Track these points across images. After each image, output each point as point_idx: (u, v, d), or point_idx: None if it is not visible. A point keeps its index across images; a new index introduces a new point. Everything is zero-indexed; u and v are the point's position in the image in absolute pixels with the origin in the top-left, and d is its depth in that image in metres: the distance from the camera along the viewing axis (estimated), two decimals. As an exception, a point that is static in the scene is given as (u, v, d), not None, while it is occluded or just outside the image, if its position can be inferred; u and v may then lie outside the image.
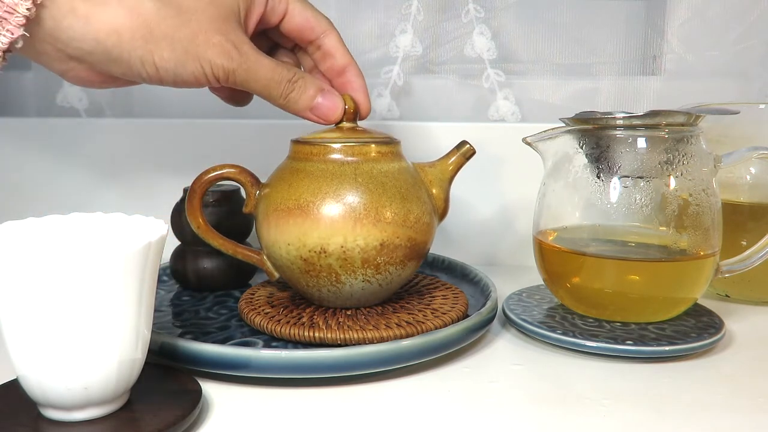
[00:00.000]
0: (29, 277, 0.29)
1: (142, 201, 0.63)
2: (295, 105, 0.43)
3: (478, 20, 0.65)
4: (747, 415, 0.36)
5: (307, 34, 0.45)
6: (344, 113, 0.45)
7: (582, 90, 0.68)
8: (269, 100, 0.43)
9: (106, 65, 0.38)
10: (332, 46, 0.45)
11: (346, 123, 0.45)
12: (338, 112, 0.44)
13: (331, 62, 0.46)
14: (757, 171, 0.53)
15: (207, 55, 0.39)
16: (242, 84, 0.41)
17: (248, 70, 0.41)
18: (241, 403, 0.36)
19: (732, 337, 0.47)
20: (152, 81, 0.40)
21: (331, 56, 0.46)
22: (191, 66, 0.39)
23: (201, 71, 0.39)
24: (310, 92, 0.43)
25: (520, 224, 0.64)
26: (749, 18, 0.65)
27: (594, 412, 0.36)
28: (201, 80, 0.40)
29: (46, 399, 0.31)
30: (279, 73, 0.42)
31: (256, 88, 0.42)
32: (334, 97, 0.44)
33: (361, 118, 0.47)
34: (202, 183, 0.45)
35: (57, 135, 0.64)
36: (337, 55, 0.46)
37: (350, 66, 0.46)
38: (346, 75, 0.46)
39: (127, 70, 0.38)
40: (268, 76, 0.42)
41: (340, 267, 0.42)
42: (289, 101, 0.43)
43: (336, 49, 0.45)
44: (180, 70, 0.39)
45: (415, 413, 0.36)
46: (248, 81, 0.41)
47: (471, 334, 0.42)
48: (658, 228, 0.45)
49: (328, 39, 0.45)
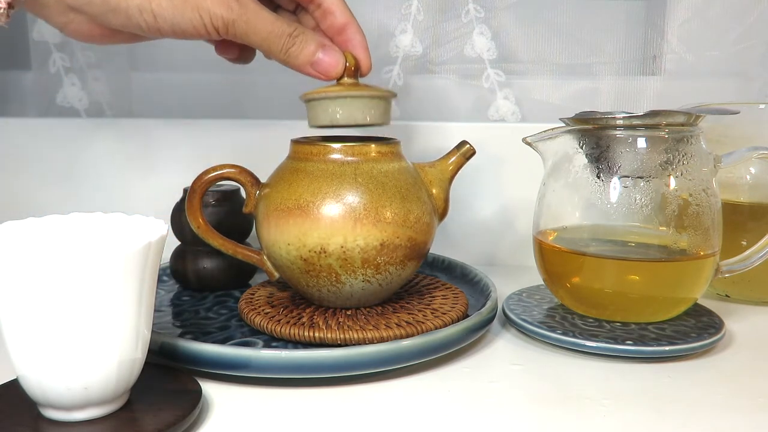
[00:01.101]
0: (29, 277, 0.29)
1: (142, 201, 0.63)
2: (296, 60, 0.44)
3: (478, 20, 0.65)
4: (747, 415, 0.36)
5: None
6: (345, 69, 0.45)
7: (582, 90, 0.68)
8: (270, 54, 0.43)
9: (105, 16, 0.38)
10: (332, 3, 0.46)
11: (347, 78, 0.45)
12: (339, 67, 0.44)
13: (332, 20, 0.46)
14: (757, 171, 0.53)
15: (206, 4, 0.39)
16: (242, 36, 0.41)
17: (248, 22, 0.41)
18: (241, 403, 0.36)
19: (732, 337, 0.47)
20: (151, 31, 0.40)
21: (331, 14, 0.46)
22: (189, 14, 0.39)
23: (200, 20, 0.39)
24: (311, 47, 0.43)
25: (520, 224, 0.64)
26: (749, 18, 0.65)
27: (594, 412, 0.36)
28: (200, 30, 0.40)
29: (46, 399, 0.31)
30: (279, 26, 0.42)
31: (256, 41, 0.42)
32: (335, 53, 0.44)
33: (362, 74, 0.47)
34: (202, 183, 0.45)
35: (57, 135, 0.64)
36: (337, 12, 0.46)
37: (350, 23, 0.46)
38: (347, 32, 0.46)
39: (126, 20, 0.39)
40: (268, 29, 0.42)
41: (340, 267, 0.42)
42: (290, 56, 0.43)
43: (336, 7, 0.46)
44: (178, 18, 0.39)
45: (415, 413, 0.36)
46: (248, 33, 0.41)
47: (471, 334, 0.42)
48: (658, 228, 0.45)
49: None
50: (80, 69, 0.68)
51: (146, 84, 0.70)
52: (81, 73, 0.68)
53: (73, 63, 0.67)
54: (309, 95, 0.45)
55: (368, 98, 0.44)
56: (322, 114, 0.45)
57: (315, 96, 0.45)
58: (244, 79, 0.69)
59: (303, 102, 0.46)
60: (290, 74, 0.70)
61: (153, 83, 0.70)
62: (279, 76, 0.69)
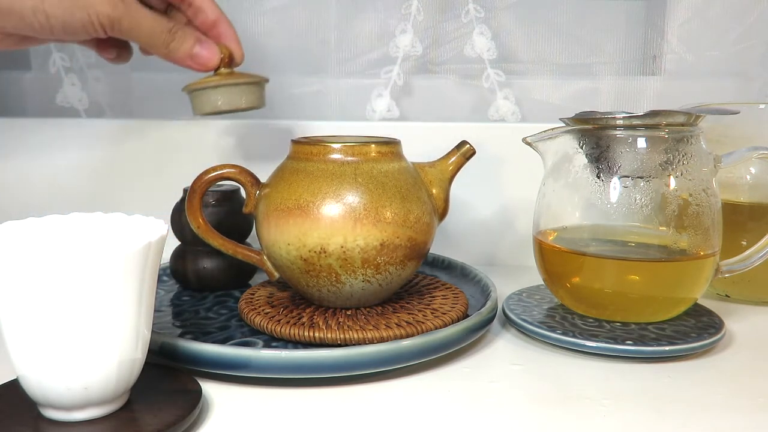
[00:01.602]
0: (29, 277, 0.29)
1: (142, 201, 0.63)
2: (176, 53, 0.47)
3: (478, 20, 0.65)
4: (747, 415, 0.36)
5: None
6: (221, 61, 0.50)
7: (582, 90, 0.68)
8: (151, 49, 0.47)
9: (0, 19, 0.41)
10: (202, 1, 0.50)
11: (223, 69, 0.50)
12: (215, 59, 0.49)
13: (203, 17, 0.50)
14: (757, 171, 0.53)
15: (94, 3, 0.42)
16: (127, 32, 0.45)
17: (132, 19, 0.44)
18: (241, 403, 0.36)
19: (732, 337, 0.47)
20: (44, 31, 0.42)
21: (202, 11, 0.50)
22: (79, 14, 0.42)
23: (88, 19, 0.42)
24: (189, 42, 0.48)
25: (520, 224, 0.64)
26: (749, 18, 0.65)
27: (594, 412, 0.36)
28: (88, 28, 0.43)
29: (46, 399, 0.31)
30: (160, 23, 0.46)
31: (140, 37, 0.46)
32: (211, 46, 0.49)
33: (237, 64, 0.51)
34: (202, 183, 0.45)
35: (57, 135, 0.64)
36: (207, 10, 0.50)
37: (220, 18, 0.51)
38: (219, 27, 0.51)
39: (20, 22, 0.41)
40: (151, 26, 0.46)
41: (340, 267, 0.42)
42: (171, 50, 0.47)
43: (206, 5, 0.50)
44: (68, 17, 0.42)
45: (415, 413, 0.36)
46: (132, 30, 0.45)
47: (471, 334, 0.42)
48: (658, 228, 0.45)
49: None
50: (80, 69, 0.68)
51: (146, 84, 0.70)
52: (81, 73, 0.68)
53: (73, 63, 0.67)
54: (192, 86, 0.50)
55: (244, 84, 0.50)
56: (205, 103, 0.50)
57: (197, 86, 0.50)
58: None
59: (186, 93, 0.51)
60: (289, 75, 0.70)
61: (153, 83, 0.70)
62: (279, 77, 0.70)
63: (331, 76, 0.69)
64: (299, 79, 0.69)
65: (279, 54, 0.70)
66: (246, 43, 0.69)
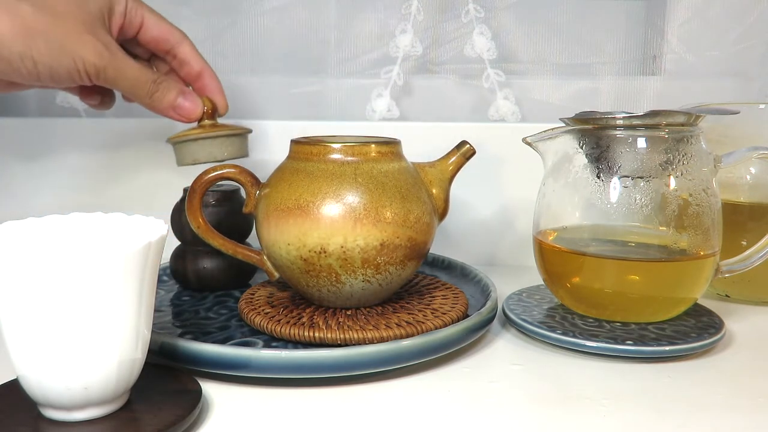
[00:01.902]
0: (29, 277, 0.29)
1: (142, 201, 0.63)
2: (160, 104, 0.48)
3: (478, 20, 0.65)
4: (747, 415, 0.36)
5: (162, 44, 0.50)
6: (204, 113, 0.50)
7: (582, 90, 0.68)
8: (135, 98, 0.47)
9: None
10: (187, 54, 0.50)
11: (206, 120, 0.50)
12: (198, 111, 0.49)
13: (188, 69, 0.51)
14: (757, 171, 0.53)
15: (80, 52, 0.42)
16: (111, 82, 0.45)
17: (117, 69, 0.44)
18: (241, 403, 0.36)
19: (732, 337, 0.47)
20: (30, 77, 0.43)
21: (187, 63, 0.51)
22: (66, 61, 0.42)
23: (74, 67, 0.43)
24: (172, 93, 0.48)
25: (520, 224, 0.64)
26: (749, 18, 0.65)
27: (594, 412, 0.36)
28: (74, 76, 0.43)
29: (46, 399, 0.31)
30: (145, 73, 0.46)
31: (124, 86, 0.46)
32: (194, 98, 0.49)
33: (220, 115, 0.52)
34: (202, 183, 0.45)
35: (57, 135, 0.64)
36: (192, 62, 0.51)
37: (205, 70, 0.51)
38: (203, 79, 0.51)
39: (7, 67, 0.42)
40: (135, 75, 0.46)
41: (340, 267, 0.42)
42: (154, 100, 0.47)
43: (191, 57, 0.50)
44: (55, 64, 0.42)
45: (415, 413, 0.36)
46: (117, 79, 0.45)
47: (471, 334, 0.42)
48: (658, 228, 0.45)
49: (182, 48, 0.50)
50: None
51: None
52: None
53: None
54: (173, 139, 0.50)
55: (224, 137, 0.50)
56: (186, 155, 0.50)
57: (178, 139, 0.50)
58: (243, 80, 0.69)
59: (169, 144, 0.51)
60: (289, 75, 0.70)
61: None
62: (279, 77, 0.70)
63: (331, 76, 0.69)
64: (299, 79, 0.69)
65: (279, 54, 0.70)
66: (246, 43, 0.69)
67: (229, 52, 0.69)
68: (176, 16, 0.68)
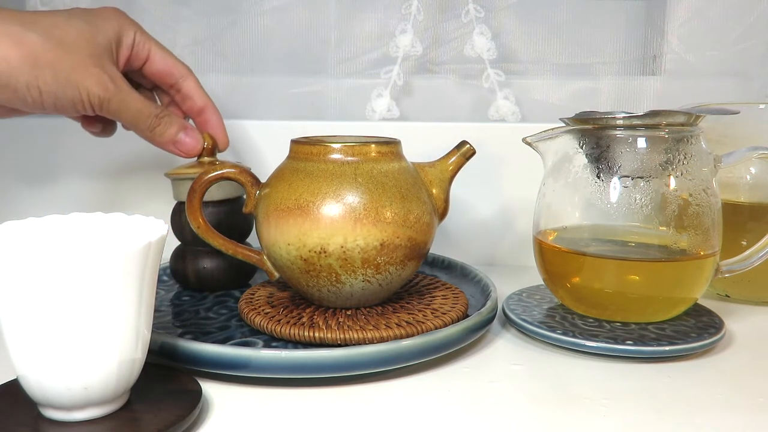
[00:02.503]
0: (29, 277, 0.29)
1: (142, 201, 0.63)
2: (161, 138, 0.48)
3: (478, 20, 0.65)
4: (747, 415, 0.36)
5: (167, 78, 0.50)
6: (203, 149, 0.51)
7: (582, 90, 0.68)
8: (136, 130, 0.48)
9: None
10: (191, 89, 0.51)
11: (206, 158, 0.51)
12: (198, 147, 0.50)
13: (191, 103, 0.52)
14: (757, 171, 0.53)
15: (86, 83, 0.43)
16: (114, 113, 0.46)
17: (121, 101, 0.45)
18: (241, 403, 0.36)
19: (732, 337, 0.47)
20: (35, 106, 0.43)
21: (190, 98, 0.51)
22: (71, 92, 0.43)
23: (79, 97, 0.43)
24: (173, 128, 0.49)
25: (520, 224, 0.64)
26: (749, 18, 0.65)
27: (594, 412, 0.36)
28: (78, 107, 0.44)
29: (46, 399, 0.31)
30: (148, 107, 0.47)
31: (126, 118, 0.47)
32: (195, 134, 0.50)
33: (220, 151, 0.53)
34: (202, 183, 0.45)
35: (57, 135, 0.64)
36: (195, 97, 0.51)
37: (208, 106, 0.52)
38: (205, 114, 0.52)
39: (13, 96, 0.42)
40: (138, 108, 0.46)
41: (340, 267, 0.42)
42: (155, 134, 0.48)
43: (194, 92, 0.51)
44: (60, 94, 0.43)
45: (415, 413, 0.36)
46: (120, 111, 0.45)
47: (471, 334, 0.42)
48: (658, 228, 0.45)
49: (186, 83, 0.51)
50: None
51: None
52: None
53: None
54: (171, 174, 0.52)
55: None
56: (183, 192, 0.50)
57: (177, 176, 0.51)
58: (243, 80, 0.69)
59: (168, 178, 0.52)
60: (289, 75, 0.70)
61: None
62: (279, 77, 0.70)
63: (331, 76, 0.69)
64: (299, 79, 0.69)
65: (279, 54, 0.70)
66: (246, 43, 0.69)
67: (229, 52, 0.69)
68: (176, 16, 0.69)
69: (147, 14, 0.68)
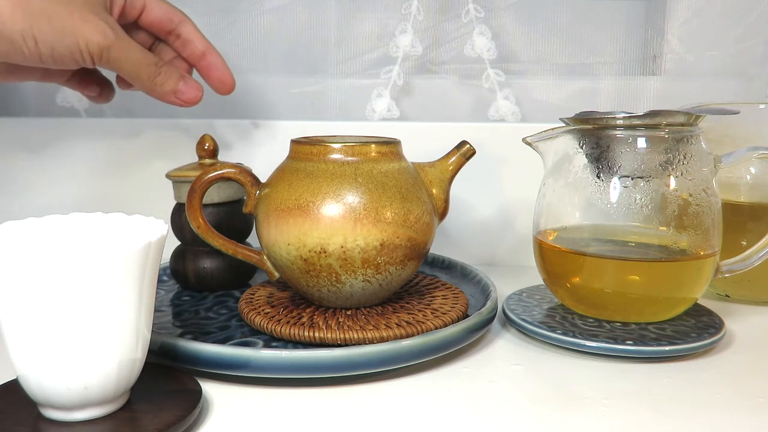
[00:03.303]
0: (29, 277, 0.29)
1: (142, 201, 0.63)
2: (162, 87, 0.48)
3: (478, 20, 0.65)
4: (747, 415, 0.36)
5: (165, 24, 0.49)
6: (205, 150, 0.52)
7: (582, 90, 0.68)
8: (137, 81, 0.47)
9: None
10: (190, 33, 0.50)
11: (207, 159, 0.52)
12: (199, 96, 0.50)
13: (192, 48, 0.51)
14: (757, 171, 0.53)
15: (83, 30, 0.42)
16: (115, 62, 0.44)
17: (121, 49, 0.44)
18: (241, 403, 0.36)
19: (732, 337, 0.47)
20: (32, 57, 0.42)
21: (190, 42, 0.50)
22: (68, 40, 0.42)
23: (77, 46, 0.42)
24: (174, 77, 0.48)
25: (520, 224, 0.64)
26: (749, 18, 0.65)
27: (594, 412, 0.36)
28: (76, 56, 0.43)
29: (46, 399, 0.31)
30: (147, 56, 0.46)
31: (128, 68, 0.46)
32: (194, 84, 0.50)
33: (228, 91, 0.53)
34: (202, 183, 0.45)
35: (57, 135, 0.64)
36: (196, 41, 0.50)
37: (209, 49, 0.51)
38: (207, 57, 0.51)
39: (9, 47, 0.41)
40: (139, 57, 0.46)
41: (340, 267, 0.42)
42: (156, 84, 0.48)
43: (194, 36, 0.50)
44: (57, 44, 0.42)
45: (415, 413, 0.36)
46: (120, 60, 0.44)
47: (471, 334, 0.42)
48: (658, 228, 0.45)
49: (185, 27, 0.50)
50: (80, 69, 0.68)
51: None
52: (81, 73, 0.68)
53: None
54: (173, 176, 0.52)
55: None
56: (183, 194, 0.51)
57: (178, 178, 0.51)
58: (243, 79, 0.69)
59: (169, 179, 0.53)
60: (289, 75, 0.70)
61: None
62: (279, 77, 0.70)
63: (331, 76, 0.69)
64: (299, 79, 0.69)
65: (279, 54, 0.70)
66: (246, 43, 0.69)
67: (229, 52, 0.69)
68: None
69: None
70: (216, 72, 0.51)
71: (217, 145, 0.52)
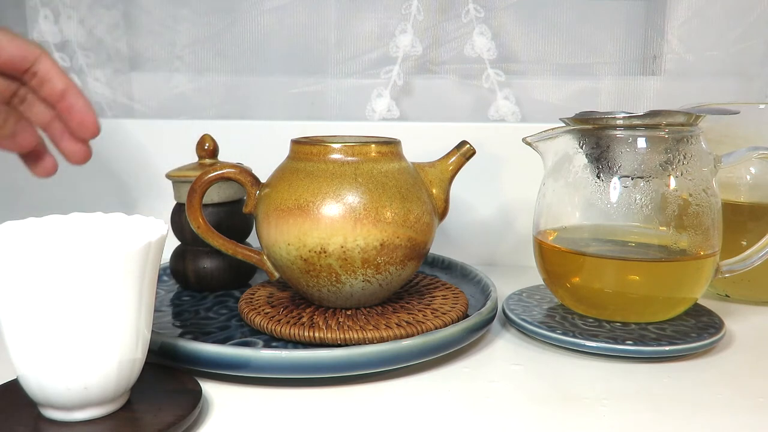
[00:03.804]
0: (29, 277, 0.29)
1: (143, 201, 0.63)
2: None
3: (478, 20, 0.65)
4: (747, 415, 0.36)
5: (19, 63, 0.44)
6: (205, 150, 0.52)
7: (582, 90, 0.68)
8: None
9: None
10: (48, 69, 0.44)
11: (207, 159, 0.52)
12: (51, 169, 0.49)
13: (50, 87, 0.45)
14: (757, 171, 0.53)
15: None
16: None
17: None
18: (241, 403, 0.36)
19: (732, 337, 0.47)
20: None
21: (48, 81, 0.45)
22: None
23: None
24: None
25: (520, 224, 0.64)
26: (749, 18, 0.65)
27: (594, 412, 0.36)
28: None
29: (46, 399, 0.31)
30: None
31: None
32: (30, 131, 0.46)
33: (90, 135, 0.47)
34: (202, 183, 0.45)
35: (57, 135, 0.64)
36: (54, 78, 0.45)
37: (69, 88, 0.45)
38: (68, 98, 0.45)
39: None
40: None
41: (340, 267, 0.42)
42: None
43: (52, 73, 0.44)
44: None
45: (415, 413, 0.36)
46: None
47: (471, 334, 0.42)
48: (658, 228, 0.45)
49: (42, 64, 0.44)
50: (80, 69, 0.68)
51: (146, 84, 0.70)
52: (81, 73, 0.68)
53: (73, 63, 0.67)
54: (173, 176, 0.52)
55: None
56: (183, 194, 0.51)
57: (177, 177, 0.52)
58: (244, 80, 0.69)
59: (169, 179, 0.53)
60: (290, 75, 0.70)
61: (153, 83, 0.70)
62: (279, 77, 0.70)
63: (331, 76, 0.69)
64: (299, 79, 0.69)
65: (279, 54, 0.70)
66: (246, 43, 0.69)
67: (229, 52, 0.69)
68: (176, 16, 0.69)
69: (147, 14, 0.68)
70: (77, 114, 0.45)
71: (217, 145, 0.52)
